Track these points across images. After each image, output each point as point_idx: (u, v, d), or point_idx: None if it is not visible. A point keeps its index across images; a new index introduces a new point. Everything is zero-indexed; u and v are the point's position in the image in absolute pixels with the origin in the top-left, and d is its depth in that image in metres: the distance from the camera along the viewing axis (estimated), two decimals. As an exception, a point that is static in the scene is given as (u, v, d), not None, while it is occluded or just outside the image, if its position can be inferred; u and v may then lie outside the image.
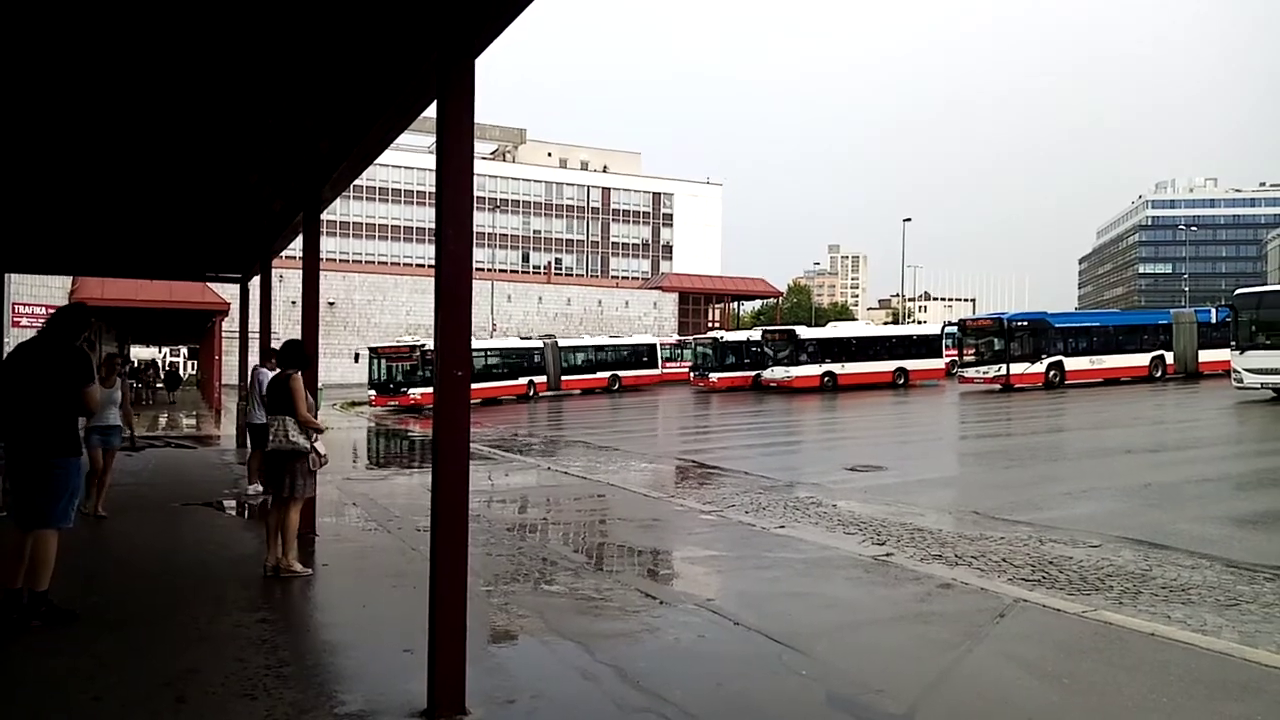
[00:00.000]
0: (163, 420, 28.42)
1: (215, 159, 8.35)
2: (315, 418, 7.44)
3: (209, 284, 25.77)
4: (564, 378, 44.36)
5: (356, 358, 38.96)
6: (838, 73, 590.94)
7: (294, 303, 41.12)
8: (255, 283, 15.75)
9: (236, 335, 19.79)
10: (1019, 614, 6.16)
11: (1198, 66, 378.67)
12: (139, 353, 61.05)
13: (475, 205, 4.67)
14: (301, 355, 7.51)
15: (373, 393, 37.06)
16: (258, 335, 13.48)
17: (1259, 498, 11.38)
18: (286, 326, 44.27)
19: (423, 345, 35.84)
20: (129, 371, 39.96)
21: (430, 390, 25.75)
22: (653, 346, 50.75)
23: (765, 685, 4.97)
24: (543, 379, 43.37)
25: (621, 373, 47.36)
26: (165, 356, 70.15)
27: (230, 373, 28.08)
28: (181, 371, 62.65)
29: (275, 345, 9.29)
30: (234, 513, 11.41)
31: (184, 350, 74.05)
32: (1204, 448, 16.64)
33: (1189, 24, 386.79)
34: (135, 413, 13.30)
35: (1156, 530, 9.29)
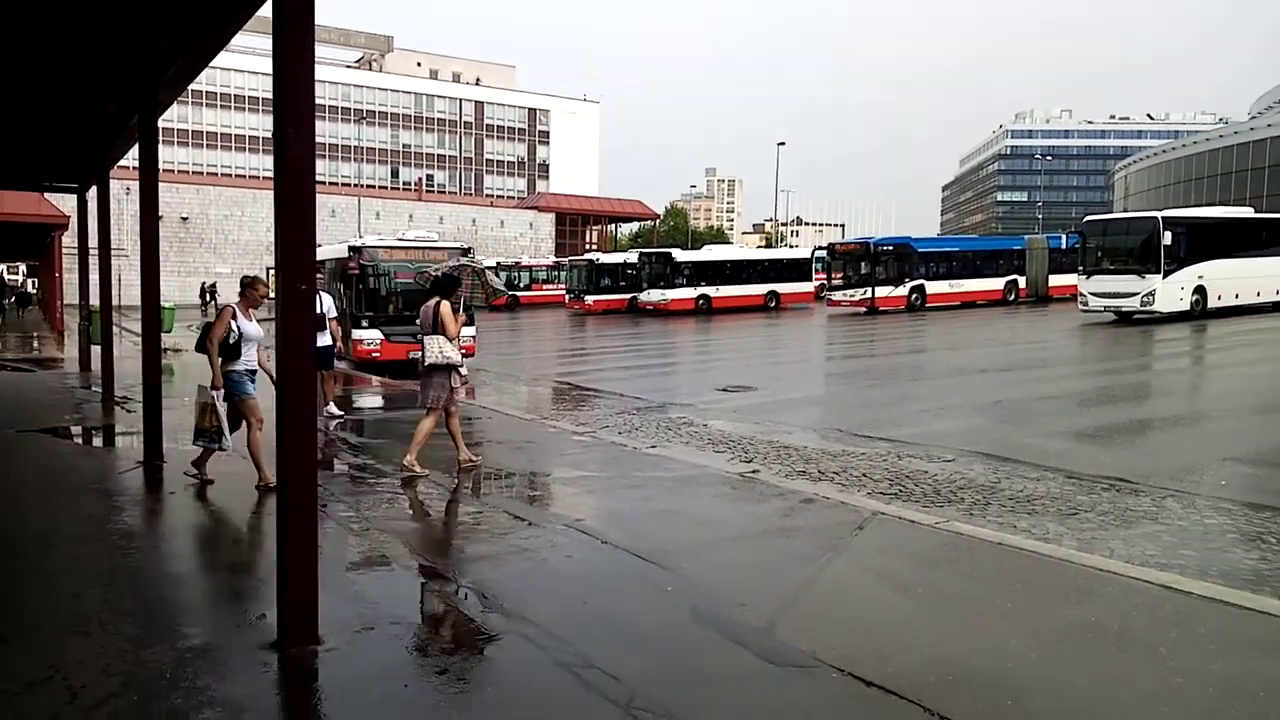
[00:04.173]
0: (-3, 342, 26.43)
1: (41, 55, 7.57)
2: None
3: (45, 195, 23.72)
4: None
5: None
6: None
7: (143, 217, 38.34)
8: (94, 194, 14.59)
9: (76, 251, 18.37)
10: (877, 527, 6.36)
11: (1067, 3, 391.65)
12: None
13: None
14: (450, 284, 8.81)
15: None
16: (97, 251, 12.52)
17: (1099, 413, 12.10)
18: (134, 241, 41.60)
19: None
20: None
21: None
22: None
23: (631, 602, 4.98)
24: None
25: None
26: (3, 273, 65.08)
27: (71, 291, 26.15)
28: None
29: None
30: (79, 440, 10.72)
31: (23, 267, 68.89)
32: (1051, 367, 17.57)
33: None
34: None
35: (1005, 445, 9.77)
